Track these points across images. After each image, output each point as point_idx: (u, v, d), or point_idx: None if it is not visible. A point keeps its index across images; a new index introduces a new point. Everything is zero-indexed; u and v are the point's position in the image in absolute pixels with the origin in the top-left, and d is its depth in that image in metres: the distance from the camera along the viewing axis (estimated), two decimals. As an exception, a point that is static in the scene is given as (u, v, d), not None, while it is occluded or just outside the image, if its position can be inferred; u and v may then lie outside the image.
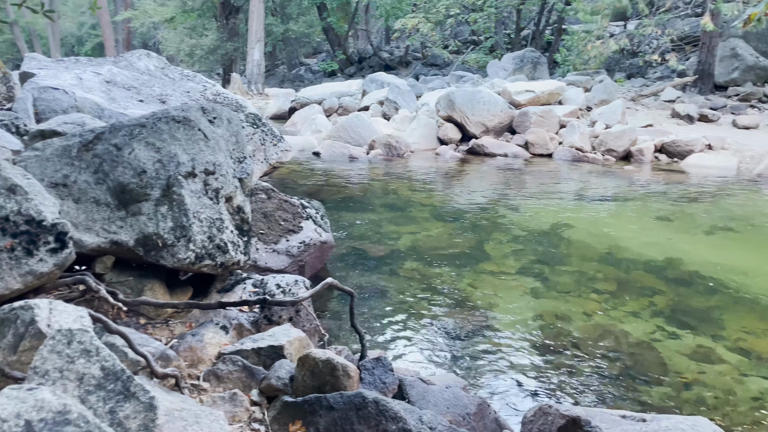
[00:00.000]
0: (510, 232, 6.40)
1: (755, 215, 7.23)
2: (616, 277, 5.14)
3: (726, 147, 10.42)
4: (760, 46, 13.54)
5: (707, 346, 3.91)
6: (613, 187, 8.81)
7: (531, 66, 15.49)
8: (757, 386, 3.40)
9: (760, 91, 12.73)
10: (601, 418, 1.87)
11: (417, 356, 3.67)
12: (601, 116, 11.62)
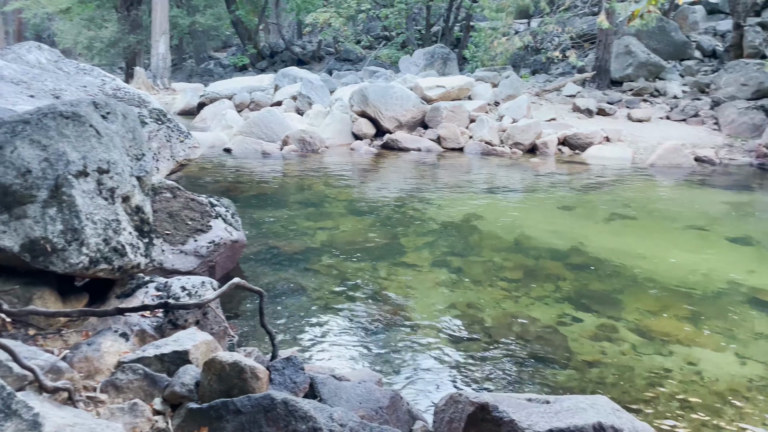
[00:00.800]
0: (424, 225, 6.49)
1: (649, 202, 7.72)
2: (523, 265, 5.33)
3: (622, 139, 11.07)
4: (651, 43, 14.48)
5: (608, 327, 4.13)
6: (520, 179, 9.14)
7: (441, 62, 15.80)
8: (653, 362, 3.62)
9: (652, 86, 13.63)
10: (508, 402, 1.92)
11: (332, 353, 3.64)
12: (508, 111, 12.03)
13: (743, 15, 13.33)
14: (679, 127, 11.79)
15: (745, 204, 7.67)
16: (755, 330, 4.10)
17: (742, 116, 11.30)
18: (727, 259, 5.62)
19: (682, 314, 4.34)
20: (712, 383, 3.38)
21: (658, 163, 9.89)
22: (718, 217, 7.03)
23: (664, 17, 14.74)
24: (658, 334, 4.02)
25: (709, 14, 16.28)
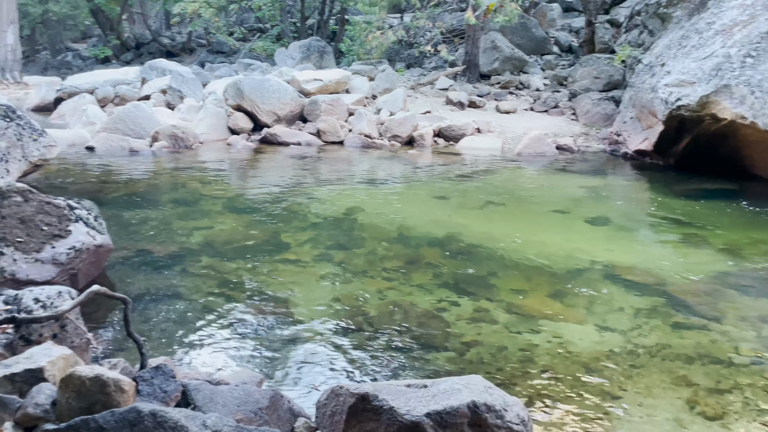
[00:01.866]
0: (306, 220, 6.43)
1: (517, 189, 8.19)
2: (404, 254, 5.45)
3: (492, 130, 11.65)
4: (515, 39, 15.36)
5: (484, 309, 4.33)
6: (399, 170, 9.33)
7: (318, 55, 15.72)
8: (524, 339, 3.85)
9: (517, 80, 14.47)
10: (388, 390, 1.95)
11: (211, 357, 3.50)
12: (386, 104, 12.23)
13: (594, 13, 14.51)
14: (542, 117, 12.62)
15: (600, 187, 8.37)
16: (612, 303, 4.48)
17: (595, 107, 12.32)
18: (587, 238, 6.09)
19: (549, 292, 4.65)
20: (577, 355, 3.65)
21: (525, 152, 10.53)
22: (578, 200, 7.60)
23: (525, 14, 15.67)
24: (528, 312, 4.27)
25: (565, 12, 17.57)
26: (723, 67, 7.89)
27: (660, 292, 4.64)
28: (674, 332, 3.97)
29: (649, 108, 9.58)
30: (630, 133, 10.42)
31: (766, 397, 3.17)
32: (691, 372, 3.43)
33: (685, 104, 8.35)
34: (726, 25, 8.71)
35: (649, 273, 5.04)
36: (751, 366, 3.50)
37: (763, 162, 8.26)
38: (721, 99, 7.81)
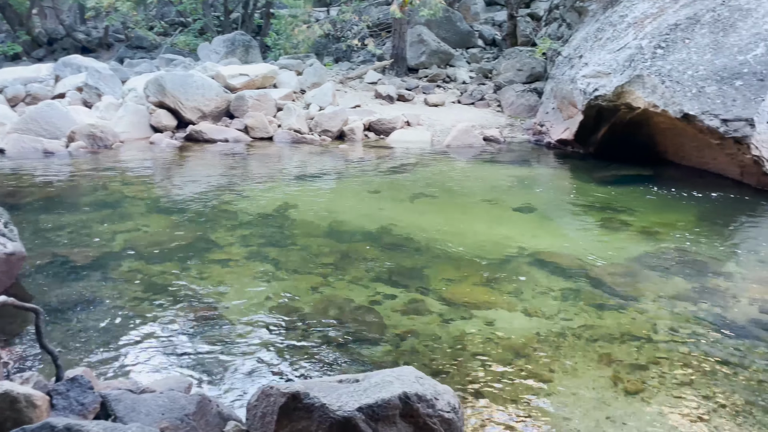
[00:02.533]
0: (236, 218, 6.29)
1: (447, 180, 8.32)
2: (338, 249, 5.42)
3: (421, 123, 11.78)
4: (440, 32, 15.56)
5: (418, 300, 4.37)
6: (331, 165, 9.28)
7: (243, 49, 15.37)
8: (456, 328, 3.92)
9: (444, 73, 14.67)
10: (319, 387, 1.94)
11: (137, 365, 3.37)
12: (315, 98, 12.12)
13: (515, 6, 14.90)
14: (469, 110, 12.86)
15: (526, 177, 8.62)
16: (540, 288, 4.63)
17: (519, 98, 12.67)
18: (515, 227, 6.27)
19: (479, 280, 4.75)
20: (506, 339, 3.75)
21: (453, 144, 10.70)
22: (505, 189, 7.81)
23: (449, 8, 15.90)
24: (461, 301, 4.35)
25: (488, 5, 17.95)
26: (636, 58, 8.29)
27: (583, 276, 4.83)
28: (597, 313, 4.15)
29: (569, 99, 9.94)
30: (552, 124, 10.78)
31: (681, 370, 3.36)
32: (614, 350, 3.60)
33: (602, 94, 8.72)
34: (638, 17, 9.14)
35: (572, 257, 5.24)
36: (667, 342, 3.70)
37: (675, 148, 8.75)
38: (634, 89, 8.20)
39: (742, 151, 7.20)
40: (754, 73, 7.17)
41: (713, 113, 7.24)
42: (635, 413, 2.96)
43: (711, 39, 7.74)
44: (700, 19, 7.98)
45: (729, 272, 4.89)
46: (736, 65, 7.34)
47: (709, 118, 7.26)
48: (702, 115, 7.32)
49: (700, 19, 7.98)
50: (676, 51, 7.93)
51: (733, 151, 7.40)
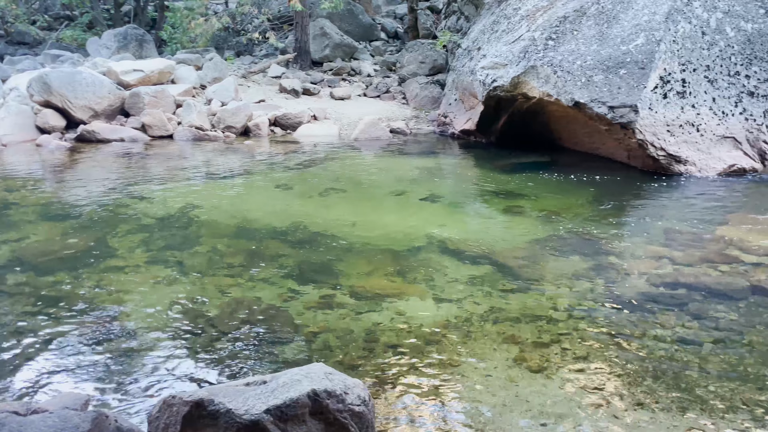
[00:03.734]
0: (136, 222, 5.99)
1: (356, 174, 8.34)
2: (246, 249, 5.30)
3: (328, 117, 11.72)
4: (343, 25, 15.53)
5: (330, 295, 4.35)
6: (237, 162, 9.04)
7: (137, 44, 14.63)
8: (369, 320, 3.94)
9: (348, 66, 14.66)
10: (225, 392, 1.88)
11: (28, 384, 3.13)
12: (216, 94, 11.75)
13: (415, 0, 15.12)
14: (375, 102, 12.95)
15: (432, 167, 8.80)
16: (448, 275, 4.74)
17: (423, 90, 12.90)
18: (423, 217, 6.38)
19: (390, 271, 4.80)
20: (418, 327, 3.82)
21: (361, 137, 10.74)
22: (413, 180, 7.93)
23: (351, 1, 15.90)
24: (372, 293, 4.38)
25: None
26: (529, 50, 8.65)
27: (489, 261, 5.00)
28: (503, 296, 4.30)
29: (470, 90, 10.23)
30: (455, 115, 11.06)
31: (580, 345, 3.56)
32: (518, 331, 3.75)
33: (500, 85, 9.04)
34: (530, 10, 9.54)
35: (478, 244, 5.41)
36: (567, 319, 3.90)
37: (568, 135, 9.23)
38: (529, 79, 8.57)
39: (628, 136, 7.71)
40: (636, 62, 7.69)
41: (601, 101, 7.70)
42: (539, 390, 3.10)
43: (597, 30, 8.22)
44: (587, 11, 8.44)
45: (621, 250, 5.22)
46: (620, 55, 7.83)
47: (598, 106, 7.71)
48: (591, 103, 7.76)
49: (587, 11, 8.44)
50: (566, 42, 8.35)
51: (620, 136, 7.91)
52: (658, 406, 2.96)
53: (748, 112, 7.87)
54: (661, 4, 7.84)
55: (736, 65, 7.90)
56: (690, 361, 3.36)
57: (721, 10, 7.95)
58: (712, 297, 4.20)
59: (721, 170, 7.65)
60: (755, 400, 2.99)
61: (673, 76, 7.65)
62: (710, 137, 7.73)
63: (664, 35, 7.64)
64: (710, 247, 5.18)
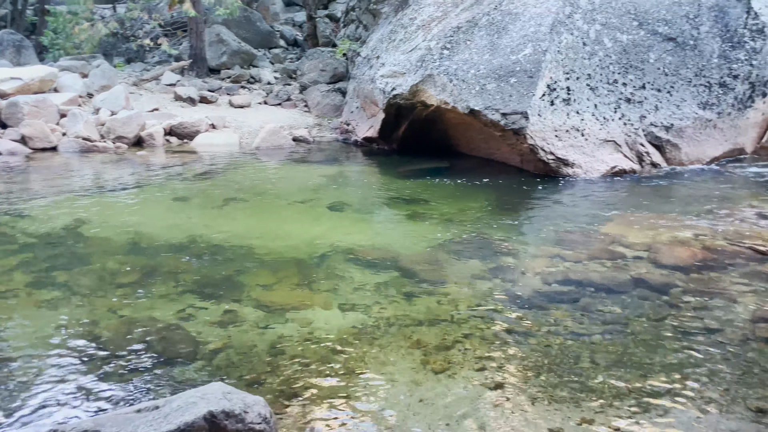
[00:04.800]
0: (15, 242, 5.54)
1: (258, 183, 8.17)
2: (142, 266, 5.04)
3: (227, 125, 11.43)
4: (241, 32, 15.21)
5: (232, 310, 4.22)
6: (130, 174, 8.60)
7: (14, 50, 13.57)
8: (274, 334, 3.86)
9: (248, 73, 14.38)
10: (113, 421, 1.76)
11: None
12: (105, 103, 11.12)
13: (313, 8, 15.11)
14: (277, 110, 12.78)
15: (336, 175, 8.81)
16: (354, 283, 4.74)
17: (325, 98, 12.89)
18: (328, 225, 6.36)
19: (295, 282, 4.73)
20: (324, 339, 3.79)
21: (263, 146, 10.56)
22: (317, 189, 7.89)
23: (247, 8, 15.63)
24: (277, 305, 4.30)
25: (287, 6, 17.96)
26: (426, 59, 8.88)
27: (394, 266, 5.06)
28: (407, 301, 4.37)
29: (371, 98, 10.35)
30: (358, 122, 11.14)
31: (481, 345, 3.68)
32: (423, 334, 3.82)
33: (399, 93, 9.21)
34: (425, 20, 9.80)
35: (383, 250, 5.46)
36: (468, 320, 4.02)
37: (466, 141, 9.56)
38: (427, 87, 8.79)
39: (520, 141, 8.09)
40: (525, 71, 8.10)
41: (494, 108, 8.04)
42: (443, 391, 3.17)
43: (488, 41, 8.57)
44: (478, 22, 8.79)
45: (517, 250, 5.46)
46: (510, 64, 8.22)
47: (492, 113, 8.04)
48: (485, 110, 8.08)
49: (478, 22, 8.79)
50: (460, 52, 8.65)
51: (513, 142, 8.29)
52: (553, 399, 3.11)
53: (626, 117, 8.50)
54: (545, 16, 8.31)
55: (614, 74, 8.52)
56: (581, 354, 3.56)
57: (599, 23, 8.55)
58: (599, 291, 4.49)
59: (604, 172, 8.20)
60: (640, 387, 3.22)
61: (558, 84, 8.12)
62: (594, 141, 8.28)
63: (550, 46, 8.11)
64: (596, 244, 5.54)
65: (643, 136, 8.59)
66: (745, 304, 4.23)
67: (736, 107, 9.14)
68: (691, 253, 5.17)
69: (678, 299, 4.32)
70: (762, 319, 3.98)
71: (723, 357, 3.52)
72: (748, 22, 8.96)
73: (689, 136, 8.83)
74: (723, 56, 8.96)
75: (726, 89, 8.99)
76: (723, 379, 3.29)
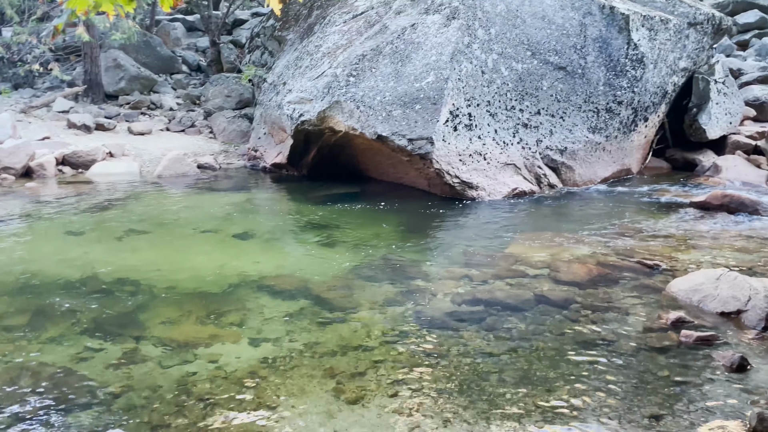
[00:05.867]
0: None
1: (161, 213, 7.85)
2: (31, 306, 4.68)
3: (126, 153, 10.92)
4: (140, 57, 14.68)
5: (133, 349, 4.00)
6: (17, 208, 7.99)
7: None
8: (179, 372, 3.69)
9: (148, 99, 13.86)
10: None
11: None
12: (-11, 131, 10.32)
13: (216, 33, 14.87)
14: (180, 137, 12.37)
15: (244, 203, 8.62)
16: (265, 313, 4.64)
17: (231, 124, 12.65)
18: (236, 254, 6.19)
19: (202, 316, 4.56)
20: (233, 373, 3.66)
21: (165, 174, 10.17)
22: (225, 217, 7.68)
23: (147, 32, 15.13)
24: (183, 341, 4.12)
25: (189, 31, 17.55)
26: (333, 86, 8.96)
27: (306, 295, 5.00)
28: (320, 329, 4.32)
29: (279, 124, 10.28)
30: (266, 148, 11.01)
31: (394, 370, 3.70)
32: (336, 363, 3.79)
33: (307, 119, 9.21)
34: (330, 48, 9.90)
35: (294, 278, 5.39)
36: (381, 346, 4.04)
37: (375, 166, 9.68)
38: (334, 114, 8.86)
39: (427, 166, 8.31)
40: (429, 98, 8.35)
41: (401, 134, 8.22)
42: (357, 420, 3.15)
43: (393, 68, 8.78)
44: (382, 50, 8.99)
45: (427, 273, 5.57)
46: (414, 91, 8.45)
47: (399, 138, 8.21)
48: (392, 136, 8.24)
49: (382, 50, 8.99)
50: (366, 79, 8.80)
51: (420, 166, 8.49)
52: (464, 420, 3.17)
53: (524, 142, 8.96)
54: (445, 45, 8.64)
55: (512, 100, 8.97)
56: (490, 373, 3.66)
57: (496, 52, 8.99)
58: (505, 310, 4.65)
59: (506, 193, 8.57)
60: (545, 402, 3.35)
61: (460, 111, 8.44)
62: (495, 164, 8.64)
63: (451, 74, 8.42)
64: (501, 264, 5.75)
65: (540, 159, 9.08)
66: (636, 315, 4.53)
67: (622, 131, 9.88)
68: (587, 270, 5.49)
69: (577, 314, 4.55)
70: (651, 330, 4.27)
71: (619, 367, 3.74)
72: (629, 52, 9.75)
73: (581, 159, 9.43)
74: (608, 84, 9.68)
75: (612, 114, 9.70)
76: (620, 388, 3.49)
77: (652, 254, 5.94)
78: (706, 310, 4.58)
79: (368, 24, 9.72)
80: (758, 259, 5.70)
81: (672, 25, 10.10)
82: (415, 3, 9.34)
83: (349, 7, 10.63)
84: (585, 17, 9.61)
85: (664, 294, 4.92)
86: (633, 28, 9.65)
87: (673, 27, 10.11)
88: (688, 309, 4.59)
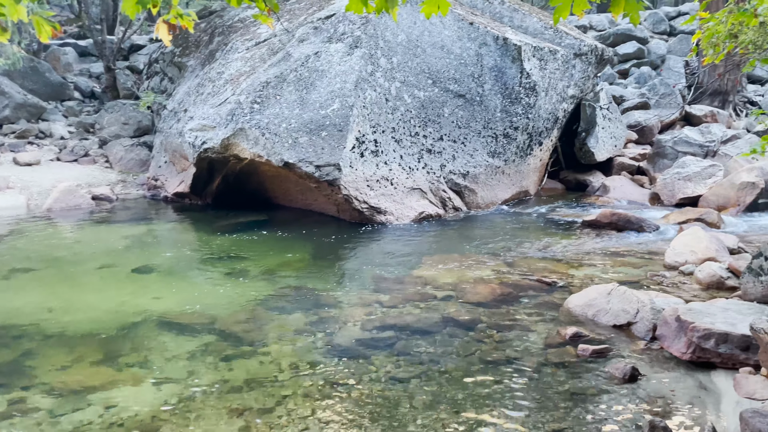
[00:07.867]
0: None
1: (51, 250, 7.34)
2: None
3: (12, 186, 10.16)
4: (27, 83, 13.77)
5: (19, 399, 3.69)
6: None
7: None
8: (71, 421, 3.43)
9: (36, 128, 12.99)
10: None
11: None
12: None
13: (111, 59, 14.24)
14: (72, 167, 11.67)
15: (144, 235, 8.23)
16: (167, 352, 4.42)
17: (129, 153, 12.10)
18: (135, 290, 5.89)
19: (97, 359, 4.29)
20: (133, 419, 3.45)
21: (56, 207, 9.55)
22: (122, 251, 7.29)
23: (34, 57, 14.26)
24: (76, 388, 3.84)
25: (81, 56, 16.68)
26: (236, 113, 8.81)
27: (211, 330, 4.82)
28: (227, 365, 4.18)
29: (180, 152, 9.95)
30: (167, 177, 10.61)
31: (304, 404, 3.63)
32: (244, 400, 3.66)
33: (210, 147, 8.98)
34: (233, 74, 9.77)
35: (198, 313, 5.19)
36: (291, 379, 3.95)
37: (283, 193, 9.58)
38: (239, 141, 8.70)
39: (335, 192, 8.32)
40: (335, 125, 8.41)
41: (308, 160, 8.20)
42: (267, 459, 3.05)
43: (297, 96, 8.78)
44: (286, 78, 8.98)
45: (337, 300, 5.54)
46: (320, 118, 8.48)
47: (306, 165, 8.19)
48: (300, 163, 8.21)
49: (286, 78, 8.98)
50: (270, 106, 8.74)
51: (328, 192, 8.50)
52: (377, 448, 3.15)
53: (429, 167, 9.20)
54: (349, 73, 8.76)
55: (416, 127, 9.21)
56: (400, 398, 3.68)
57: (399, 80, 9.22)
58: (414, 334, 4.71)
59: (413, 217, 8.74)
60: (455, 424, 3.40)
61: (366, 137, 8.56)
62: (402, 189, 8.81)
63: (356, 101, 8.54)
64: (410, 287, 5.83)
65: (445, 183, 9.35)
66: (537, 332, 4.73)
67: (519, 155, 10.38)
68: (491, 289, 5.68)
69: (482, 334, 4.69)
70: (551, 345, 4.47)
71: (523, 385, 3.87)
72: (522, 80, 10.31)
73: (483, 182, 9.81)
74: (505, 110, 10.17)
75: (509, 139, 10.19)
76: (524, 405, 3.61)
77: (551, 272, 6.24)
78: (600, 323, 4.85)
79: (271, 51, 9.70)
80: (644, 273, 6.13)
81: (560, 56, 10.81)
82: (317, 32, 9.42)
83: (252, 34, 10.56)
84: (481, 47, 10.08)
85: (562, 310, 5.17)
86: (525, 58, 10.23)
87: (561, 57, 10.82)
88: (585, 323, 4.85)
